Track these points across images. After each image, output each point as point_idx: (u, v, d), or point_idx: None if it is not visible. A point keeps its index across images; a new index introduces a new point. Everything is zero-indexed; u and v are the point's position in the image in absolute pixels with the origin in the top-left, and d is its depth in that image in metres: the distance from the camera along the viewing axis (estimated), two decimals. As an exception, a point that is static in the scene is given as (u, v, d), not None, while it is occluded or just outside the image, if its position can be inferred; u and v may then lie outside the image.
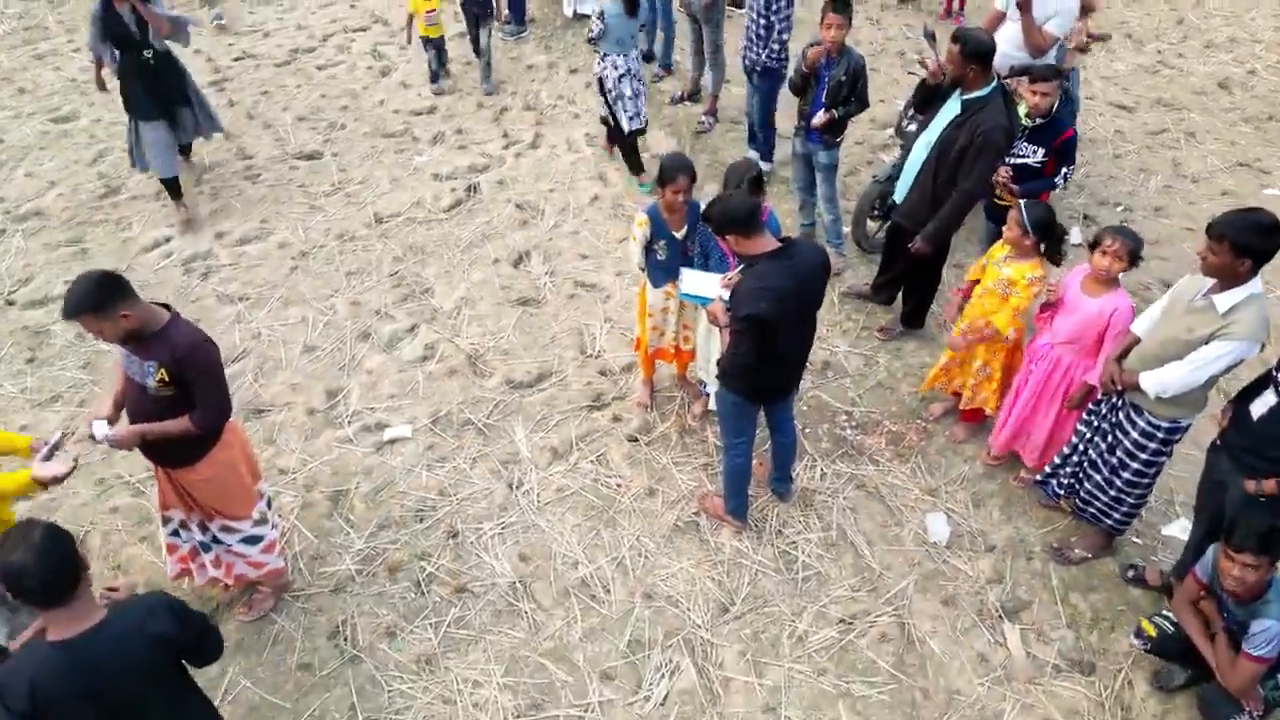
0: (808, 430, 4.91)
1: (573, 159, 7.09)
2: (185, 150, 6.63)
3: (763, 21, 6.03)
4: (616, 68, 6.32)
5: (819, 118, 5.29)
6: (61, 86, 7.84)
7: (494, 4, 7.64)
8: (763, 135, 6.67)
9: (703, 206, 4.45)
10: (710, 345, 4.60)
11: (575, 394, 5.15)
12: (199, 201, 6.50)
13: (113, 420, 3.47)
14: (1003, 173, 4.79)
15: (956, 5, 9.12)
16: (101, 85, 6.21)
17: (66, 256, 6.04)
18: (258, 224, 6.35)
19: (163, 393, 3.19)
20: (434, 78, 7.81)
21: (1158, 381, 3.46)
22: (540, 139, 7.34)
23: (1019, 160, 4.86)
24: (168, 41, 5.88)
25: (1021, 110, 4.80)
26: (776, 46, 6.07)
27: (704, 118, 7.31)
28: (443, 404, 5.05)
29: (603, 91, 6.45)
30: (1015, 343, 4.37)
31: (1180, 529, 4.48)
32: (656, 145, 7.22)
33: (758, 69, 6.24)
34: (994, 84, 4.39)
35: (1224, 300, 3.29)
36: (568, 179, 6.87)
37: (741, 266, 3.74)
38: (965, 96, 4.41)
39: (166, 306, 3.25)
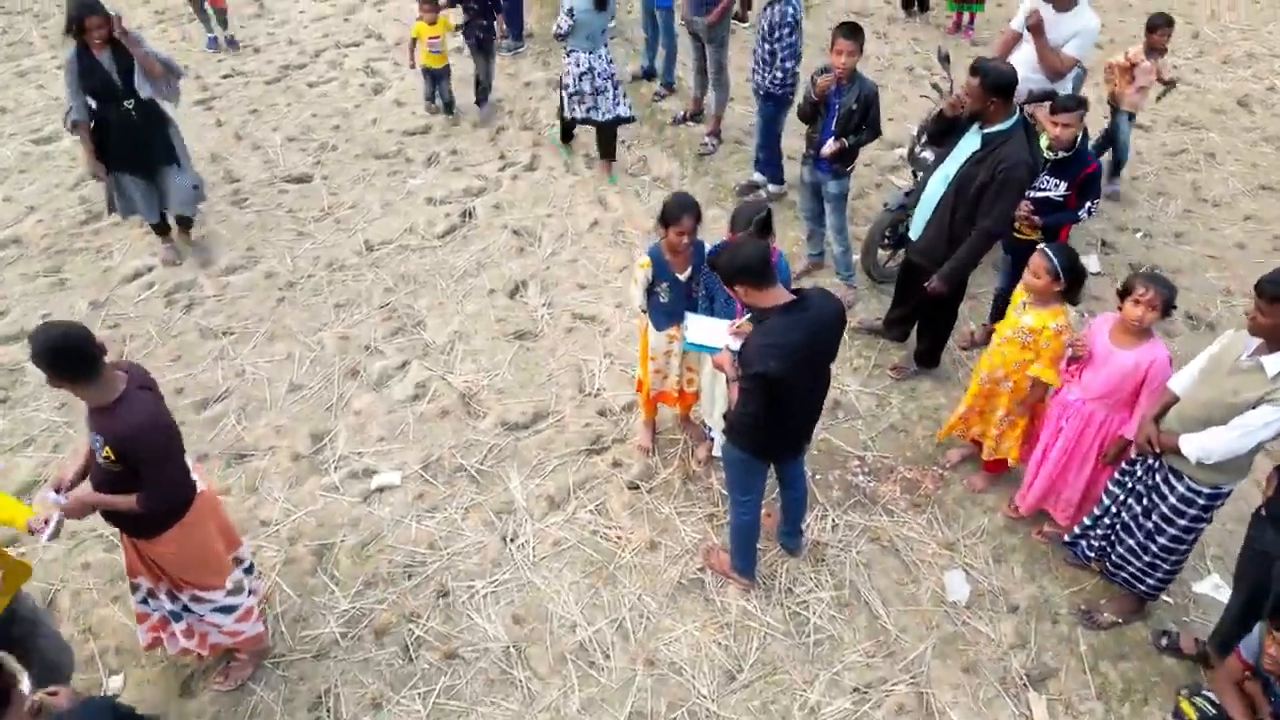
0: (818, 477, 4.66)
1: (571, 182, 6.85)
2: (184, 223, 5.87)
3: (767, 47, 5.80)
4: (579, 65, 6.23)
5: (828, 147, 5.04)
6: (44, 105, 7.60)
7: (496, 31, 7.16)
8: (764, 156, 6.45)
9: (707, 245, 4.27)
10: (716, 387, 4.37)
11: (573, 436, 4.90)
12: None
13: (76, 482, 3.26)
14: (1024, 207, 4.55)
15: (966, 20, 8.87)
16: (97, 171, 5.35)
17: (44, 288, 5.80)
18: (244, 252, 6.11)
19: (112, 468, 2.98)
20: (430, 97, 7.53)
21: (1200, 446, 3.22)
22: (537, 160, 7.10)
23: (1040, 194, 4.62)
24: (158, 100, 5.25)
25: (1043, 142, 4.56)
26: (780, 74, 5.83)
27: (707, 139, 7.07)
28: (434, 448, 4.81)
29: (561, 87, 6.44)
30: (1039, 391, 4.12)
31: (1211, 586, 4.24)
32: (658, 167, 6.99)
33: (761, 92, 6.01)
34: (1015, 117, 4.15)
35: (1274, 362, 3.05)
36: (566, 203, 6.63)
37: (750, 316, 3.50)
38: (986, 130, 4.17)
39: (131, 371, 3.03)
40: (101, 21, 4.84)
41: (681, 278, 4.12)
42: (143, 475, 2.98)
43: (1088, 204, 4.63)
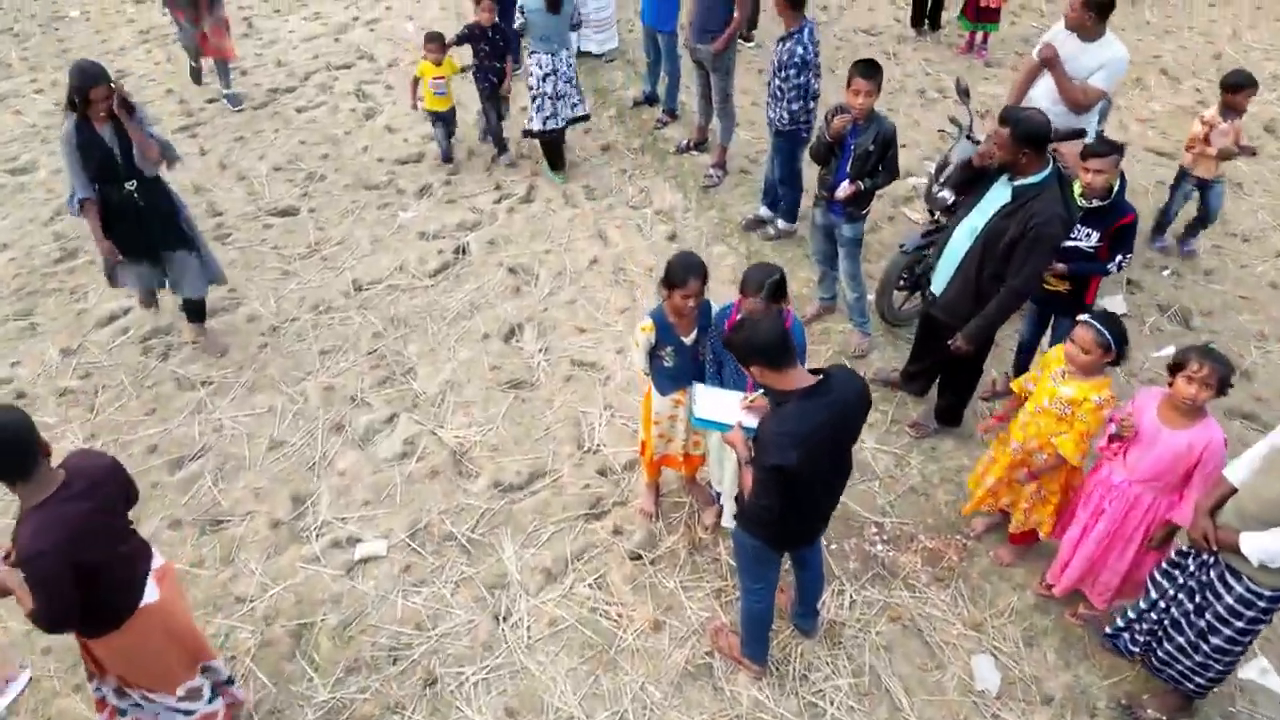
0: (833, 546, 4.36)
1: (570, 214, 6.55)
2: (193, 309, 5.22)
3: (777, 82, 5.50)
4: (541, 66, 6.21)
5: (843, 190, 4.74)
6: (21, 133, 7.30)
7: (507, 73, 6.66)
8: (782, 193, 6.12)
9: (715, 303, 3.97)
10: (725, 455, 4.06)
11: (571, 499, 4.60)
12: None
13: None
14: (1052, 256, 4.25)
15: (979, 39, 8.56)
16: (112, 253, 4.76)
17: (14, 333, 5.50)
18: (225, 292, 5.79)
19: None
20: (445, 152, 6.98)
21: (1263, 549, 2.91)
22: (534, 191, 6.80)
23: (1070, 243, 4.31)
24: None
25: (1075, 189, 4.25)
26: (786, 115, 5.53)
27: (711, 170, 6.76)
28: (422, 513, 4.51)
29: (527, 89, 6.41)
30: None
31: (1258, 671, 3.93)
32: (660, 199, 6.69)
33: (772, 128, 5.71)
34: (1049, 169, 3.84)
35: (1349, 462, 2.75)
36: (564, 238, 6.32)
37: (761, 392, 3.20)
38: (1017, 183, 3.86)
39: (73, 472, 2.74)
40: (107, 92, 4.35)
41: (687, 341, 3.82)
42: (31, 594, 2.73)
43: (1119, 257, 4.32)
